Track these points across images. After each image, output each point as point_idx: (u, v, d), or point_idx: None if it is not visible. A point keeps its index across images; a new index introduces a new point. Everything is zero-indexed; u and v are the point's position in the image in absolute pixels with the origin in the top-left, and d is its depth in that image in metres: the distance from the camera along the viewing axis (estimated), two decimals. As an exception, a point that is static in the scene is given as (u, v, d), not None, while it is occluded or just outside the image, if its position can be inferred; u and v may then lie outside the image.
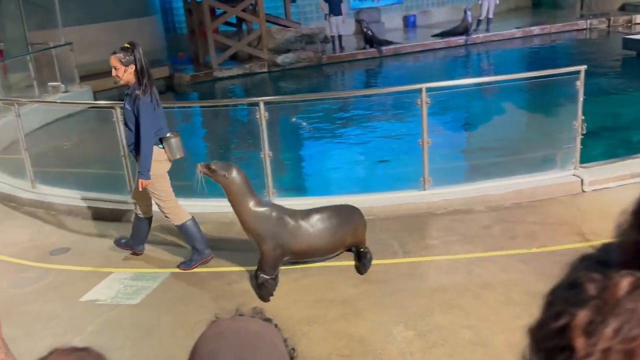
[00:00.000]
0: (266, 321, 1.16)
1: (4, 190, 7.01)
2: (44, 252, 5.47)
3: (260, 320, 1.14)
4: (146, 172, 4.66)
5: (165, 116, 4.96)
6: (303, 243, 4.38)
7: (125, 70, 4.58)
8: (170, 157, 4.81)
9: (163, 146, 4.76)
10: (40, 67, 12.48)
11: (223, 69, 16.03)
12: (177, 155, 4.85)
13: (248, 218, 4.33)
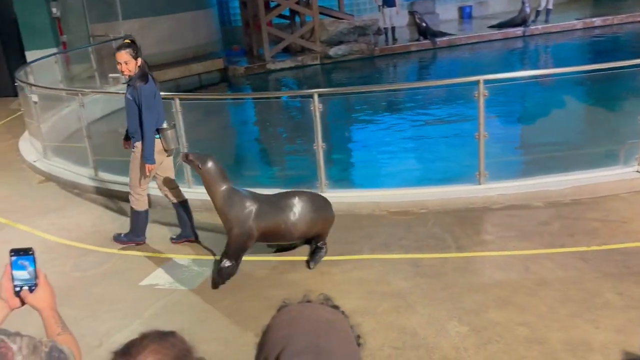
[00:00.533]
0: (334, 308, 1.18)
1: (69, 177, 7.31)
2: (106, 238, 5.67)
3: (330, 308, 1.16)
4: (150, 157, 4.97)
5: (164, 109, 5.21)
6: (268, 225, 4.51)
7: (135, 64, 4.88)
8: (166, 147, 5.09)
9: (159, 136, 5.02)
10: (101, 59, 12.87)
11: (276, 61, 16.17)
12: (172, 146, 5.14)
13: (219, 204, 4.55)
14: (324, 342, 1.02)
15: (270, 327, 1.10)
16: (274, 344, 1.03)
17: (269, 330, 1.10)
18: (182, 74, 15.42)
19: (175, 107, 6.31)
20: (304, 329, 1.05)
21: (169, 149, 5.13)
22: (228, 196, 4.52)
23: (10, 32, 13.46)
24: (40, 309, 1.67)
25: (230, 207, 4.50)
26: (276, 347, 1.01)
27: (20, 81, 8.89)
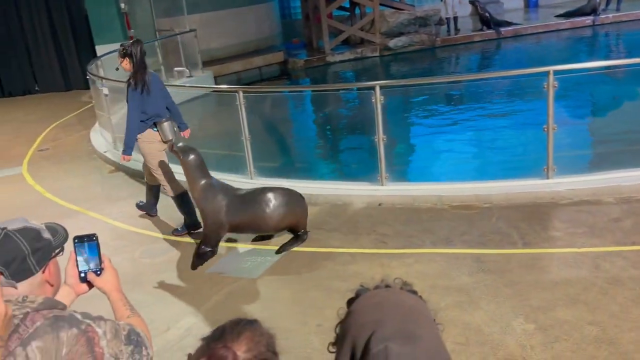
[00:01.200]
0: (413, 293, 1.18)
1: (137, 167, 7.56)
2: (172, 226, 5.87)
3: (412, 294, 1.17)
4: (128, 149, 5.42)
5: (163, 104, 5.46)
6: (238, 218, 4.78)
7: (122, 62, 5.25)
8: (163, 138, 5.42)
9: (157, 129, 5.37)
10: (167, 53, 13.24)
11: (335, 54, 16.18)
12: (169, 137, 5.45)
13: (196, 196, 4.89)
14: (413, 327, 1.03)
15: (354, 311, 1.11)
16: (362, 327, 1.04)
17: (353, 314, 1.11)
18: (244, 67, 15.68)
19: (239, 100, 6.42)
20: (392, 313, 1.06)
21: (166, 140, 5.41)
22: (204, 189, 4.80)
23: (81, 27, 14.07)
24: (107, 291, 1.74)
25: (205, 200, 4.79)
26: (365, 331, 1.02)
27: (91, 74, 9.28)
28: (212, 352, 1.22)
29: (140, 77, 5.21)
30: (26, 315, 1.41)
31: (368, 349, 0.99)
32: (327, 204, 5.97)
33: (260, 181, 6.49)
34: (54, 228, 1.61)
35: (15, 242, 1.48)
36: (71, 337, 1.41)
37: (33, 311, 1.42)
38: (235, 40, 16.31)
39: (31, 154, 9.09)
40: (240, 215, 4.78)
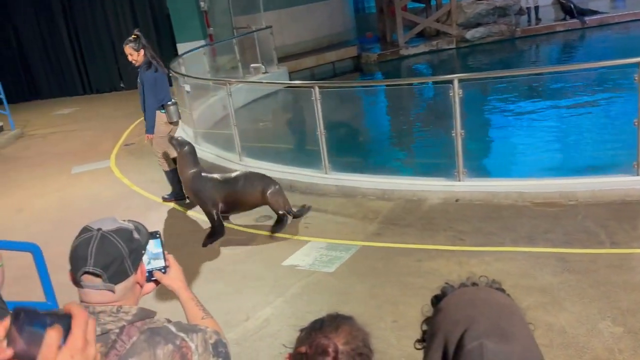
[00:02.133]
0: (500, 291, 1.17)
1: (216, 161, 7.83)
2: (250, 219, 6.02)
3: (502, 292, 1.15)
4: (150, 129, 6.21)
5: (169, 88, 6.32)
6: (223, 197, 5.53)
7: (139, 54, 6.00)
8: (169, 119, 6.23)
9: (164, 111, 6.18)
10: (243, 50, 13.53)
11: (409, 47, 15.98)
12: (174, 119, 6.30)
13: (188, 184, 5.65)
14: (506, 325, 1.02)
15: (445, 308, 1.11)
16: (454, 324, 1.04)
17: (444, 311, 1.11)
18: (317, 62, 15.78)
19: (315, 95, 6.47)
20: (485, 311, 1.05)
21: (172, 121, 6.26)
22: (195, 175, 5.57)
23: (163, 26, 14.65)
24: (176, 289, 1.68)
25: (196, 184, 5.56)
26: (458, 327, 1.02)
27: (174, 72, 9.64)
28: (314, 341, 1.26)
29: (157, 63, 6.09)
30: (122, 329, 1.39)
31: (462, 345, 0.98)
32: (401, 199, 5.93)
33: (335, 176, 6.54)
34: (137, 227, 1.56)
35: (113, 243, 1.43)
36: (167, 354, 1.39)
37: (128, 324, 1.40)
38: (310, 36, 16.44)
39: (118, 149, 9.58)
40: (225, 195, 5.54)
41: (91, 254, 1.39)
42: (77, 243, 1.43)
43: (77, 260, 1.40)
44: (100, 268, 1.39)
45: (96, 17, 14.83)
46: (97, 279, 1.40)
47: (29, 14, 14.85)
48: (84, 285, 1.42)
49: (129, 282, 1.46)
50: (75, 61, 15.22)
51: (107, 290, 1.42)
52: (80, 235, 1.45)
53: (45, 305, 3.09)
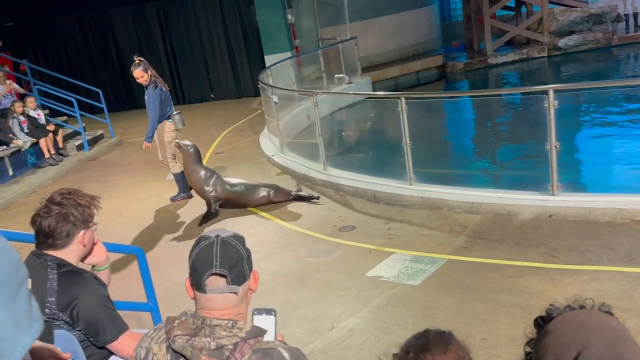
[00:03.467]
0: (609, 314, 1.13)
1: (301, 170, 7.98)
2: (334, 228, 6.08)
3: (612, 316, 1.12)
4: (148, 138, 7.19)
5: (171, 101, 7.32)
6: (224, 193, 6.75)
7: (147, 75, 6.96)
8: (175, 127, 7.20)
9: (171, 121, 7.14)
10: (328, 61, 13.72)
11: (498, 55, 15.57)
12: (179, 126, 7.26)
13: (195, 180, 6.77)
14: (622, 350, 0.98)
15: (553, 330, 1.09)
16: (566, 347, 1.01)
17: (552, 333, 1.08)
18: (401, 72, 15.73)
19: (401, 106, 6.45)
20: (597, 334, 1.02)
21: (177, 128, 7.22)
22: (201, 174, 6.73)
23: (252, 39, 15.13)
24: None
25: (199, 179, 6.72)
26: (570, 351, 1.00)
27: (262, 83, 9.94)
28: None
29: (160, 83, 7.04)
30: (236, 345, 1.42)
31: None
32: (490, 213, 5.77)
33: (420, 187, 6.47)
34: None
35: (234, 247, 1.50)
36: None
37: (242, 341, 1.43)
38: (394, 46, 16.42)
39: (209, 156, 9.97)
40: (230, 195, 6.76)
41: (216, 256, 1.46)
42: (199, 250, 1.50)
43: (203, 264, 1.47)
44: (227, 268, 1.46)
45: (190, 31, 15.56)
46: (222, 281, 1.47)
47: (128, 29, 15.82)
48: (207, 290, 1.48)
49: (246, 286, 1.53)
50: (170, 73, 16.03)
51: (230, 292, 1.48)
52: (199, 243, 1.52)
53: (147, 306, 3.27)
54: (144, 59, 7.08)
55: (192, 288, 1.52)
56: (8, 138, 9.79)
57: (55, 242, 2.16)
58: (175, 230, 6.76)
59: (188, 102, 16.16)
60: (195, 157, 6.79)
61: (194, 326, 1.45)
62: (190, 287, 1.53)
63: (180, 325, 1.46)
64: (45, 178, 9.53)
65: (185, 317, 1.48)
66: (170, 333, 1.46)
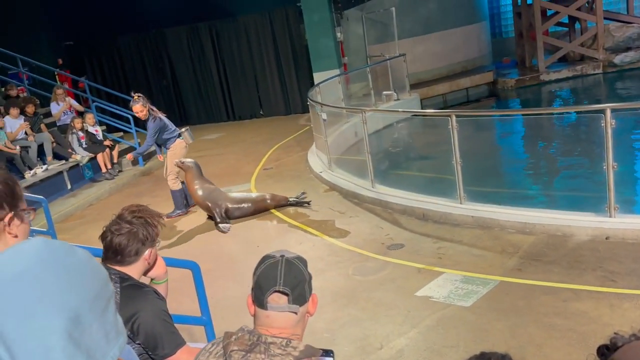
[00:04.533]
0: None
1: (349, 187, 7.99)
2: (382, 246, 6.05)
3: None
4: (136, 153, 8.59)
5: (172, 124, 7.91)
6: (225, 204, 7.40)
7: (145, 109, 7.53)
8: (187, 142, 7.88)
9: (182, 138, 7.79)
10: (376, 77, 13.73)
11: (550, 72, 15.24)
12: (190, 141, 7.96)
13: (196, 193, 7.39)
14: None
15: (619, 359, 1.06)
16: None
17: None
18: (450, 89, 15.58)
19: (451, 124, 6.40)
20: None
21: (188, 143, 7.91)
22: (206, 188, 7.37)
23: (302, 56, 15.32)
24: None
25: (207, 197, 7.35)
26: None
27: (311, 100, 10.04)
28: None
29: (157, 115, 7.64)
30: None
31: None
32: (543, 234, 5.63)
33: (471, 206, 6.38)
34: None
35: (298, 267, 1.54)
36: None
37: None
38: (443, 63, 16.31)
39: (258, 172, 10.12)
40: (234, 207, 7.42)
41: (280, 275, 1.51)
42: (264, 268, 1.55)
43: (267, 281, 1.52)
44: (289, 287, 1.51)
45: (241, 50, 15.90)
46: (283, 299, 1.51)
47: (182, 47, 16.30)
48: (269, 307, 1.52)
49: (305, 308, 1.56)
50: (222, 90, 16.40)
51: (290, 312, 1.52)
52: (264, 261, 1.57)
53: (200, 320, 3.34)
54: (142, 95, 7.71)
55: (254, 304, 1.56)
56: (67, 153, 10.21)
57: (124, 259, 2.25)
58: (225, 244, 6.88)
59: (238, 119, 16.47)
60: (197, 174, 7.36)
61: (250, 342, 1.49)
62: (251, 304, 1.58)
63: (236, 340, 1.50)
64: (101, 192, 9.87)
65: (242, 333, 1.52)
66: (227, 348, 1.50)
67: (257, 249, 6.40)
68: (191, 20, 16.05)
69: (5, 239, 1.44)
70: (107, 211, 8.72)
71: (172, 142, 7.79)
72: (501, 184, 8.04)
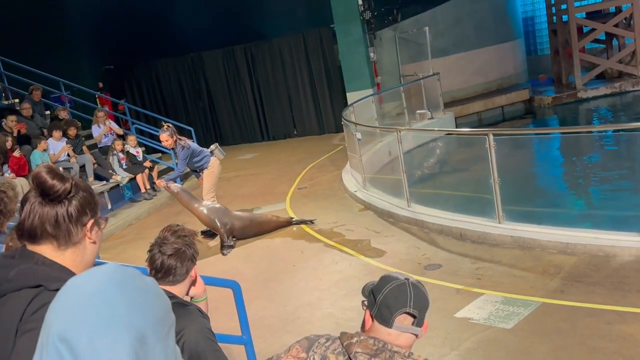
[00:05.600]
0: None
1: (384, 207, 7.96)
2: (419, 266, 6.00)
3: None
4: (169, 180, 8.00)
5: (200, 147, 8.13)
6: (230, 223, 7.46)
7: (172, 140, 7.80)
8: (219, 157, 8.18)
9: (214, 155, 8.08)
10: (409, 96, 13.73)
11: (588, 89, 15.00)
12: (221, 157, 8.26)
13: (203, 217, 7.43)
14: None
15: None
16: None
17: None
18: (485, 107, 15.47)
19: (489, 143, 6.34)
20: None
21: (220, 158, 8.21)
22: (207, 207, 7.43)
23: (335, 76, 15.45)
24: None
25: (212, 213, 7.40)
26: None
27: (346, 120, 10.10)
28: None
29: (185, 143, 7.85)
30: None
31: None
32: (586, 254, 5.50)
33: (510, 226, 6.28)
34: None
35: (423, 293, 1.65)
36: None
37: None
38: (478, 81, 16.23)
39: (292, 192, 10.18)
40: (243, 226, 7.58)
41: (410, 297, 1.60)
42: (391, 288, 1.62)
43: (396, 301, 1.60)
44: (417, 311, 1.60)
45: (275, 71, 16.12)
46: (409, 321, 1.60)
47: (218, 70, 16.62)
48: (394, 326, 1.60)
49: (420, 333, 1.65)
50: (256, 111, 16.62)
51: (411, 333, 1.61)
52: (389, 282, 1.64)
53: (241, 339, 3.36)
54: (171, 125, 8.05)
55: (373, 319, 1.63)
56: (108, 174, 10.48)
57: (176, 279, 2.30)
58: (260, 263, 6.91)
59: (272, 139, 16.63)
60: (189, 196, 7.50)
61: (375, 347, 1.57)
62: (369, 319, 1.65)
63: (359, 343, 1.59)
64: (141, 212, 10.08)
65: (363, 337, 1.61)
66: (349, 348, 1.58)
67: (293, 269, 6.43)
68: (227, 43, 16.40)
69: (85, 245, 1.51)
70: (146, 231, 8.92)
71: (207, 162, 8.01)
72: (540, 203, 7.90)
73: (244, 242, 7.71)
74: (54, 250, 1.46)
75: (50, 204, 1.45)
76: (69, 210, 1.46)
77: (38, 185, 1.46)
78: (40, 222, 1.45)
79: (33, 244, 1.47)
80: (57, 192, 1.44)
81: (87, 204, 1.50)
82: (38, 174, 1.47)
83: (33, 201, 1.46)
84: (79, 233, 1.49)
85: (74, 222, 1.47)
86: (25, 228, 1.46)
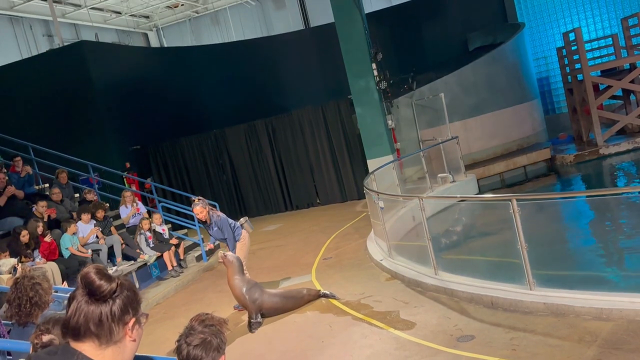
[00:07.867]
0: None
1: (411, 275, 7.87)
2: (451, 338, 5.85)
3: None
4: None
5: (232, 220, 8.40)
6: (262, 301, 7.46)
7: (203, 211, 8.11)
8: (249, 230, 8.54)
9: (244, 228, 8.39)
10: (430, 160, 13.83)
11: (610, 146, 14.95)
12: (250, 230, 8.62)
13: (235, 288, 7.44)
14: None
15: None
16: None
17: None
18: (506, 167, 15.46)
19: (513, 208, 6.31)
20: None
21: (249, 232, 8.54)
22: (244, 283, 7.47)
23: (354, 144, 15.69)
24: None
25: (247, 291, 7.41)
26: None
27: (368, 189, 10.17)
28: None
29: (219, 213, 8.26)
30: None
31: None
32: (622, 319, 5.33)
33: (542, 292, 6.15)
34: None
35: None
36: None
37: None
38: (497, 142, 16.32)
39: (317, 262, 10.14)
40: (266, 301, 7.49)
41: None
42: None
43: None
44: None
45: (296, 142, 16.46)
46: None
47: (241, 144, 17.02)
48: None
49: None
50: (279, 181, 16.85)
51: None
52: None
53: None
54: (202, 198, 8.40)
55: None
56: (135, 253, 10.60)
57: None
58: (288, 340, 6.80)
59: (295, 208, 16.74)
60: (239, 269, 7.50)
61: None
62: None
63: None
64: (168, 290, 10.10)
65: None
66: None
67: (322, 344, 6.32)
68: (249, 118, 16.89)
69: (125, 343, 1.54)
70: (173, 310, 8.92)
71: (239, 234, 8.27)
72: (571, 266, 7.73)
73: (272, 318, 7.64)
74: (95, 349, 1.50)
75: (95, 302, 1.50)
76: (112, 310, 1.51)
77: (86, 285, 1.51)
78: (84, 320, 1.50)
79: (76, 341, 1.51)
80: (104, 293, 1.50)
81: (130, 302, 1.55)
82: (87, 274, 1.53)
83: (80, 299, 1.52)
84: (120, 332, 1.53)
85: (116, 321, 1.52)
86: (71, 326, 1.51)
